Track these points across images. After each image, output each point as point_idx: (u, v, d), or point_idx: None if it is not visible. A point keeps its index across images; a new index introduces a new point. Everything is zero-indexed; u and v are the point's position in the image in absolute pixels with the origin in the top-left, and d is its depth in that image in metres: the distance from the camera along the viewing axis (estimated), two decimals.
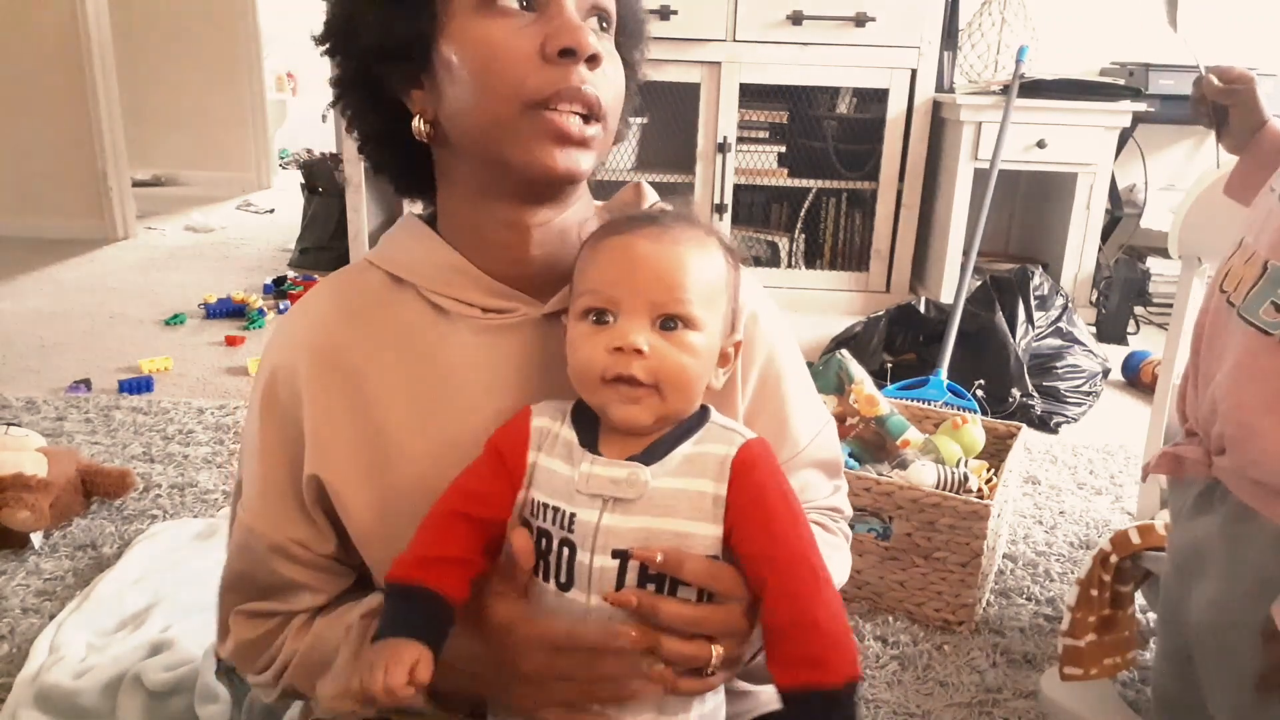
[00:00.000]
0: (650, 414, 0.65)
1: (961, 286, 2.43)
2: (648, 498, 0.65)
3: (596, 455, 0.66)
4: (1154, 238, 3.23)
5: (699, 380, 0.67)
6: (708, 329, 0.67)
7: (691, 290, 0.66)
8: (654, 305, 0.65)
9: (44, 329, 2.85)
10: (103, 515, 1.75)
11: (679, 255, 0.67)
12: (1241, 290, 0.81)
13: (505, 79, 0.66)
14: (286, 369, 0.74)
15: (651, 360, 0.64)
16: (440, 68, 0.69)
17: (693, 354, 0.66)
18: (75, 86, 3.82)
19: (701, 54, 3.01)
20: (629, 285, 0.66)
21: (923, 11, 2.96)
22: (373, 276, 0.77)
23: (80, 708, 1.20)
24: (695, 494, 0.65)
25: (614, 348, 0.64)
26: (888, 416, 1.71)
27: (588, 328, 0.67)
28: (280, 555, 0.76)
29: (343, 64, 0.73)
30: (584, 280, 0.68)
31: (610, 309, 0.66)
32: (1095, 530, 1.81)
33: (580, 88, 0.67)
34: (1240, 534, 0.83)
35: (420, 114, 0.71)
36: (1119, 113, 2.89)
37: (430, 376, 0.74)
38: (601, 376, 0.65)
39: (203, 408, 2.25)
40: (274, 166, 5.48)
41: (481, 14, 0.67)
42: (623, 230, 0.68)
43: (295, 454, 0.74)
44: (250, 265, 3.71)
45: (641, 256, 0.66)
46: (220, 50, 5.10)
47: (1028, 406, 2.32)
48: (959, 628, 1.48)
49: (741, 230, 3.30)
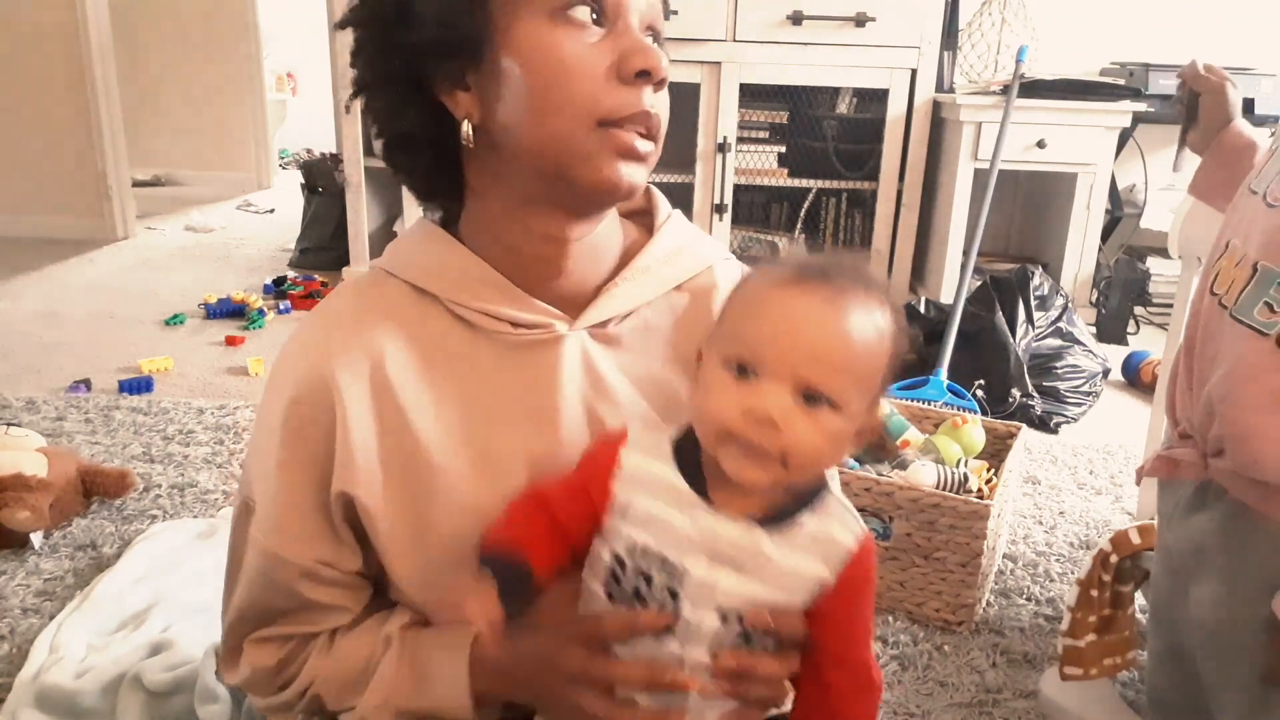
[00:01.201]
0: (769, 479, 0.62)
1: (961, 286, 2.43)
2: (766, 567, 0.64)
3: (710, 507, 0.64)
4: (1154, 238, 3.23)
5: (830, 461, 0.65)
6: (852, 411, 0.63)
7: (847, 372, 0.62)
8: (802, 378, 0.61)
9: (44, 329, 2.85)
10: (103, 515, 1.75)
11: (845, 331, 0.62)
12: (1233, 292, 0.81)
13: (579, 96, 0.65)
14: (315, 382, 0.70)
15: (784, 435, 0.61)
16: (498, 72, 0.66)
17: (829, 437, 0.62)
18: (75, 86, 3.81)
19: (701, 54, 3.01)
20: (782, 348, 0.61)
21: (923, 11, 2.96)
22: (393, 287, 0.73)
23: (80, 708, 1.20)
24: (810, 576, 0.65)
25: (748, 408, 0.61)
26: (888, 416, 1.71)
27: (727, 377, 0.63)
28: (308, 579, 0.73)
29: (382, 56, 0.70)
30: (736, 326, 0.64)
31: (754, 366, 0.62)
32: (1095, 530, 1.81)
33: (650, 110, 0.67)
34: (1240, 534, 0.83)
35: (466, 117, 0.69)
36: (1119, 113, 2.89)
37: (462, 394, 0.72)
38: (724, 433, 0.62)
39: (203, 408, 2.25)
40: (274, 166, 5.48)
41: (553, 22, 0.65)
42: (793, 284, 0.63)
43: (322, 472, 0.71)
44: (250, 265, 3.71)
45: (804, 321, 0.61)
46: (220, 50, 5.10)
47: (1028, 406, 2.32)
48: (959, 628, 1.48)
49: (741, 230, 3.30)
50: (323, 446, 0.70)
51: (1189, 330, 0.90)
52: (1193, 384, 0.88)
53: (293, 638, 0.77)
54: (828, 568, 0.65)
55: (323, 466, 0.71)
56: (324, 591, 0.74)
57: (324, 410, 0.70)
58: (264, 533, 0.73)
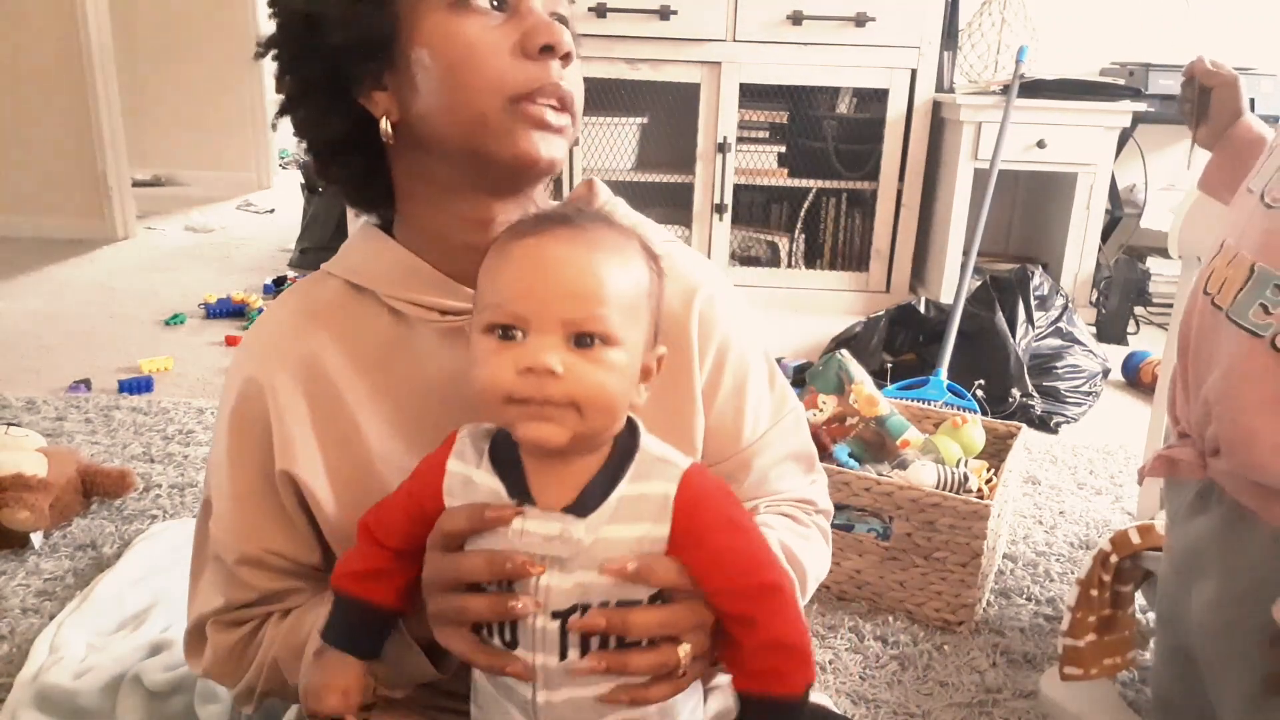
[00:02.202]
0: (566, 432, 0.59)
1: (961, 286, 2.43)
2: (585, 553, 0.60)
3: (530, 505, 0.61)
4: (1154, 238, 3.23)
5: (621, 399, 0.61)
6: (628, 344, 0.61)
7: (611, 303, 0.59)
8: (568, 321, 0.59)
9: (44, 329, 2.85)
10: (103, 515, 1.75)
11: (596, 263, 0.60)
12: (1228, 293, 0.81)
13: (487, 75, 0.67)
14: (253, 379, 0.74)
15: (567, 382, 0.58)
16: (410, 67, 0.69)
17: (613, 372, 0.60)
18: (75, 86, 3.81)
19: (701, 54, 3.01)
20: (539, 297, 0.59)
21: (923, 11, 2.96)
22: (331, 285, 0.77)
23: (80, 708, 1.20)
24: (634, 541, 0.61)
25: (524, 368, 0.58)
26: (888, 416, 1.71)
27: (493, 343, 0.60)
28: (260, 569, 0.76)
29: (300, 68, 0.73)
30: (489, 290, 0.62)
31: (518, 325, 0.59)
32: (1095, 530, 1.81)
33: (558, 83, 0.69)
34: (1237, 535, 0.83)
35: (385, 115, 0.71)
36: (1119, 113, 2.89)
37: (395, 382, 0.75)
38: (509, 397, 0.59)
39: (203, 408, 2.25)
40: (274, 166, 5.48)
41: (455, 12, 0.68)
42: (531, 232, 0.61)
43: (267, 462, 0.74)
44: (250, 265, 3.71)
45: (553, 264, 0.60)
46: (220, 50, 5.10)
47: (1028, 406, 2.32)
48: (959, 628, 1.48)
49: (741, 230, 3.30)
50: (264, 441, 0.74)
51: (1183, 330, 0.90)
52: (1188, 385, 0.88)
53: (254, 619, 0.79)
54: (654, 524, 0.61)
55: (265, 454, 0.74)
56: (279, 581, 0.77)
57: (260, 408, 0.74)
58: (218, 525, 0.77)
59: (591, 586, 0.61)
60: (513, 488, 0.62)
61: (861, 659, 1.40)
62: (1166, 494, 0.99)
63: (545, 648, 0.62)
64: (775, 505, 0.85)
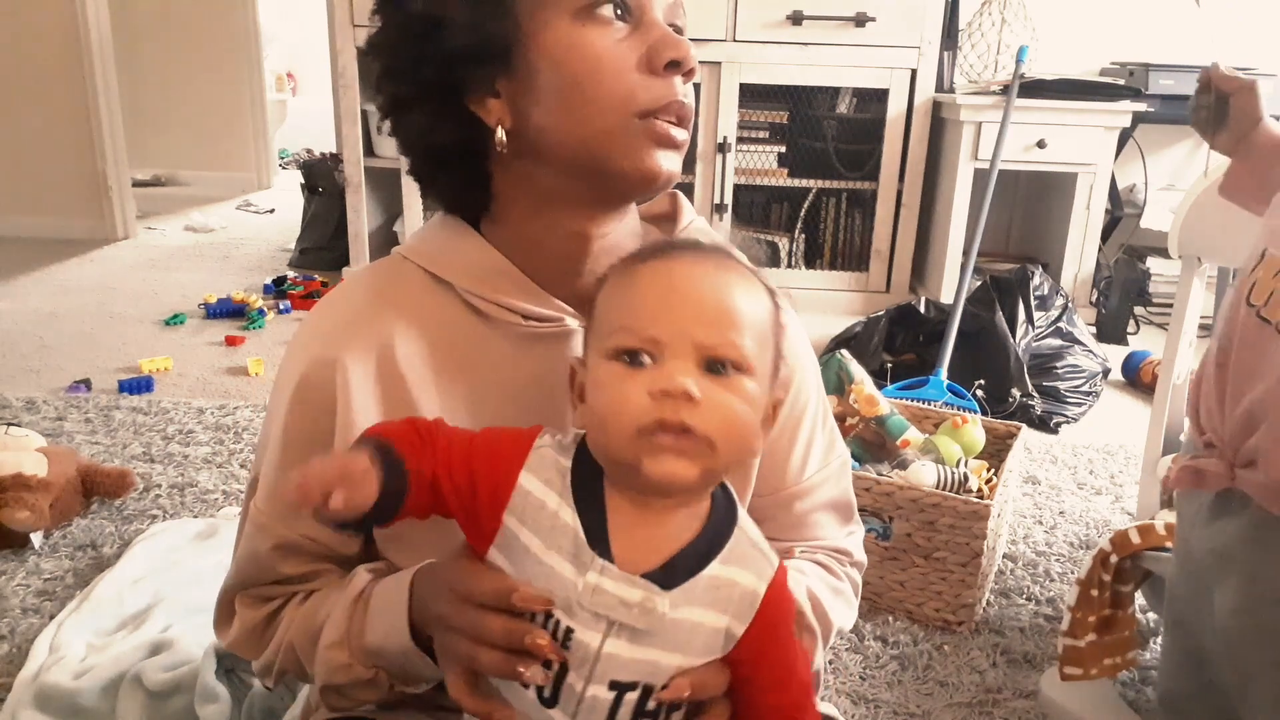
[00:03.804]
0: (699, 470, 0.55)
1: (961, 286, 2.43)
2: (660, 629, 0.56)
3: (608, 563, 0.56)
4: (1154, 238, 3.23)
5: (754, 432, 0.58)
6: (760, 375, 0.58)
7: (744, 330, 0.57)
8: (702, 345, 0.55)
9: (44, 329, 2.85)
10: (103, 515, 1.75)
11: (729, 286, 0.58)
12: (1275, 304, 0.80)
13: (615, 90, 0.66)
14: (322, 363, 0.71)
15: (703, 409, 0.54)
16: (529, 75, 0.67)
17: (747, 402, 0.57)
18: (75, 86, 3.81)
19: (701, 54, 2.98)
20: (672, 320, 0.56)
21: (923, 11, 2.96)
22: (410, 272, 0.74)
23: (80, 708, 1.20)
24: (710, 630, 0.57)
25: (659, 390, 0.54)
26: (888, 416, 1.71)
27: (620, 369, 0.56)
28: (292, 552, 0.75)
29: (414, 71, 0.70)
30: (615, 314, 0.58)
31: (649, 349, 0.56)
32: (1095, 530, 1.81)
33: (683, 100, 0.68)
34: (1265, 539, 0.82)
35: (499, 122, 0.69)
36: (1119, 113, 2.89)
37: (467, 380, 0.73)
38: (640, 425, 0.54)
39: (203, 408, 2.25)
40: (274, 166, 5.48)
41: (581, 22, 0.66)
42: (659, 256, 0.60)
43: (322, 443, 0.72)
44: (250, 265, 3.71)
45: (686, 286, 0.57)
46: (220, 50, 5.10)
47: (1028, 406, 2.32)
48: (959, 628, 1.48)
49: (741, 230, 3.30)
50: (325, 422, 0.71)
51: (1223, 342, 0.88)
52: (1225, 396, 0.87)
53: (279, 597, 0.78)
54: (733, 618, 0.58)
55: (323, 442, 0.71)
56: (311, 565, 0.76)
57: (328, 388, 0.71)
58: (261, 505, 0.76)
59: (661, 668, 0.57)
60: (592, 534, 0.56)
61: (861, 659, 1.40)
62: (1180, 499, 0.98)
63: (590, 717, 0.58)
64: (811, 552, 0.84)
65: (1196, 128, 1.15)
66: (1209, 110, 1.10)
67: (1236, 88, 1.08)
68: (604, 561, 0.56)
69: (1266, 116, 1.08)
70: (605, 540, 0.57)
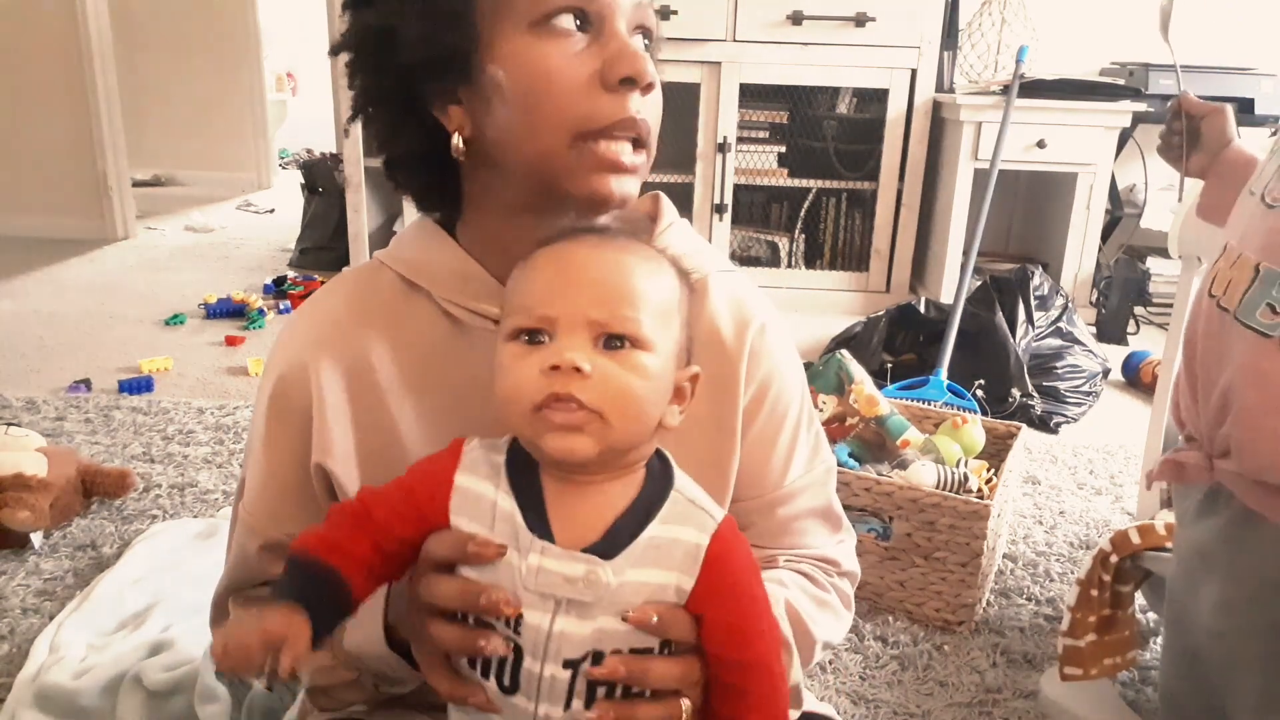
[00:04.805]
0: (594, 444, 0.56)
1: (961, 286, 2.43)
2: (609, 597, 0.57)
3: (548, 543, 0.57)
4: (1154, 238, 3.23)
5: (651, 406, 0.58)
6: (660, 351, 0.58)
7: (640, 305, 0.57)
8: (596, 322, 0.56)
9: (44, 329, 2.85)
10: (103, 515, 1.75)
11: (625, 265, 0.59)
12: (1234, 295, 0.81)
13: (559, 107, 0.64)
14: (297, 366, 0.72)
15: (594, 381, 0.55)
16: (487, 86, 0.66)
17: (644, 377, 0.57)
18: (75, 86, 3.82)
19: (701, 54, 3.01)
20: (566, 298, 0.57)
21: (923, 11, 2.96)
22: (385, 277, 0.74)
23: (80, 708, 1.20)
24: (657, 587, 0.58)
25: (549, 366, 0.55)
26: (888, 416, 1.71)
27: (518, 349, 0.58)
28: (275, 552, 0.74)
29: (375, 78, 0.70)
30: (514, 296, 0.60)
31: (544, 328, 0.57)
32: (1095, 530, 1.81)
33: (635, 117, 0.66)
34: (1242, 537, 0.83)
35: (458, 130, 0.68)
36: (1119, 113, 2.89)
37: (440, 385, 0.73)
38: (534, 403, 0.56)
39: (203, 408, 2.25)
40: (274, 166, 5.48)
41: (536, 34, 0.64)
42: (558, 239, 0.61)
43: (303, 450, 0.72)
44: (250, 265, 3.71)
45: (581, 265, 0.58)
46: (220, 50, 5.10)
47: (1028, 406, 2.32)
48: (959, 628, 1.48)
49: (741, 230, 3.30)
50: (304, 425, 0.72)
51: (1188, 334, 0.89)
52: (1195, 387, 0.88)
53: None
54: (680, 574, 0.58)
55: (303, 444, 0.72)
56: None
57: (303, 391, 0.72)
58: (248, 508, 0.76)
59: (610, 634, 0.57)
60: (531, 518, 0.58)
61: (861, 659, 1.40)
62: (1174, 497, 0.99)
63: (551, 698, 0.58)
64: (794, 561, 0.81)
65: (1165, 156, 1.20)
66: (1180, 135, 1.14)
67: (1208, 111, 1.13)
68: (544, 542, 0.57)
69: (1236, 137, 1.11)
70: (545, 522, 0.58)
